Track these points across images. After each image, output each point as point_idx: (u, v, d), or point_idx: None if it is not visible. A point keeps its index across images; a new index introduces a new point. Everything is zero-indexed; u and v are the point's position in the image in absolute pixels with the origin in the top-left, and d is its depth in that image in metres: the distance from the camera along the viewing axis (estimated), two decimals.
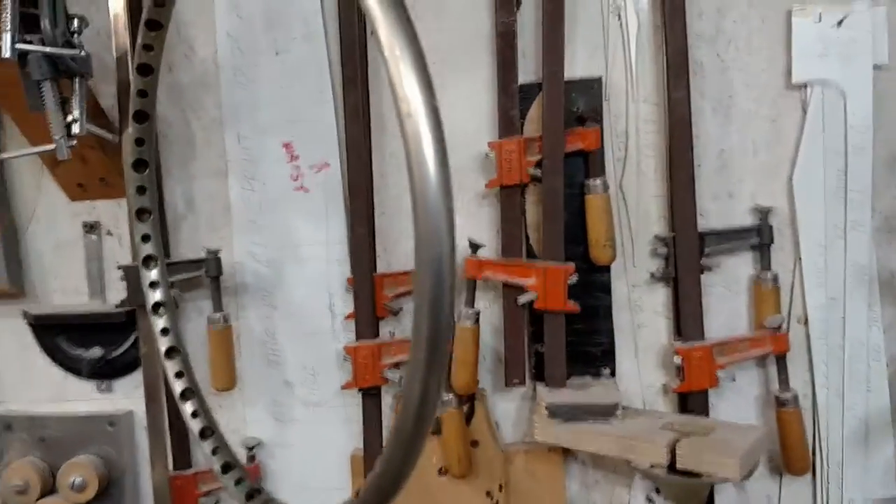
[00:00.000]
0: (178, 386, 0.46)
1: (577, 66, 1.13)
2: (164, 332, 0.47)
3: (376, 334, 1.18)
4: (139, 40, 0.41)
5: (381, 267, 1.19)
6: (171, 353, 0.45)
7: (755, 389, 1.16)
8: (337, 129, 1.18)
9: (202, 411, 0.46)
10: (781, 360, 1.10)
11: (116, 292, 1.23)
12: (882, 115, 1.10)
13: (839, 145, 1.10)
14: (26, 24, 0.95)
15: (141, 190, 0.44)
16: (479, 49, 1.15)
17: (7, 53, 0.89)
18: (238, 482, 0.45)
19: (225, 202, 1.21)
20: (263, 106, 1.18)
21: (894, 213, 1.13)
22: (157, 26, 0.38)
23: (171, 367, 0.46)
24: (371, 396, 1.18)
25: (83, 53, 0.96)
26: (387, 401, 1.20)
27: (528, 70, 1.14)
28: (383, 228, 1.20)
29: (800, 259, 1.13)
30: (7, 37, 0.88)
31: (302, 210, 1.20)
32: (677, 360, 1.10)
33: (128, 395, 1.26)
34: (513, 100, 1.12)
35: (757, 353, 1.11)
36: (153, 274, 0.45)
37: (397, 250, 1.20)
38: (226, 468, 0.44)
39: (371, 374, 1.15)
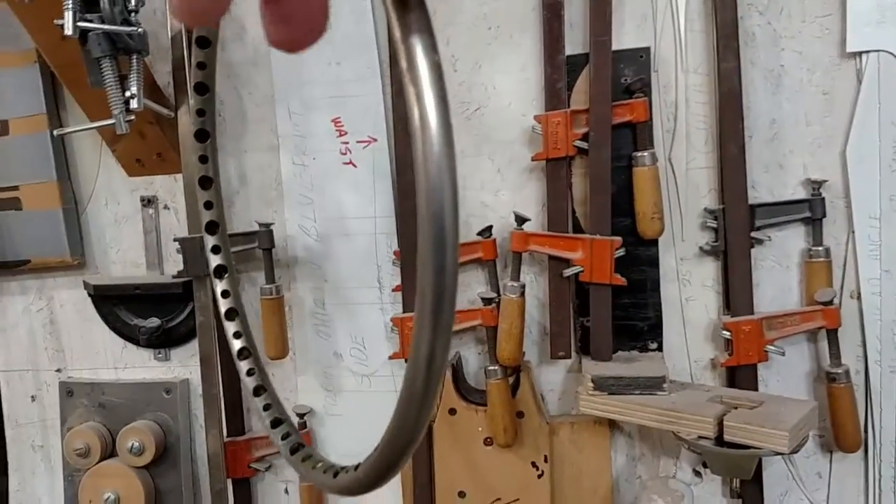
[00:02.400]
0: (235, 345, 0.48)
1: (625, 37, 1.12)
2: (225, 294, 0.49)
3: None
4: None
5: None
6: (230, 314, 0.47)
7: (805, 364, 1.14)
8: (384, 105, 1.19)
9: (257, 370, 0.48)
10: (833, 335, 1.09)
11: (173, 264, 1.28)
12: None
13: (895, 116, 1.07)
14: (86, 3, 0.98)
15: (203, 159, 0.46)
16: (527, 21, 1.15)
17: (69, 31, 0.92)
18: (284, 437, 0.47)
19: (276, 177, 1.24)
20: (313, 82, 1.20)
21: None
22: None
23: (230, 327, 0.48)
24: None
25: (140, 31, 0.99)
26: None
27: (575, 41, 1.14)
28: None
29: (853, 232, 1.10)
30: (69, 15, 0.92)
31: (350, 184, 1.22)
32: (726, 334, 1.09)
33: (184, 364, 1.31)
34: (559, 71, 1.12)
35: (807, 327, 1.10)
36: (215, 239, 0.47)
37: None
38: (275, 423, 0.46)
39: None
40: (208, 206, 0.54)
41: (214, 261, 0.54)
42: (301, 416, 1.24)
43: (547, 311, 1.18)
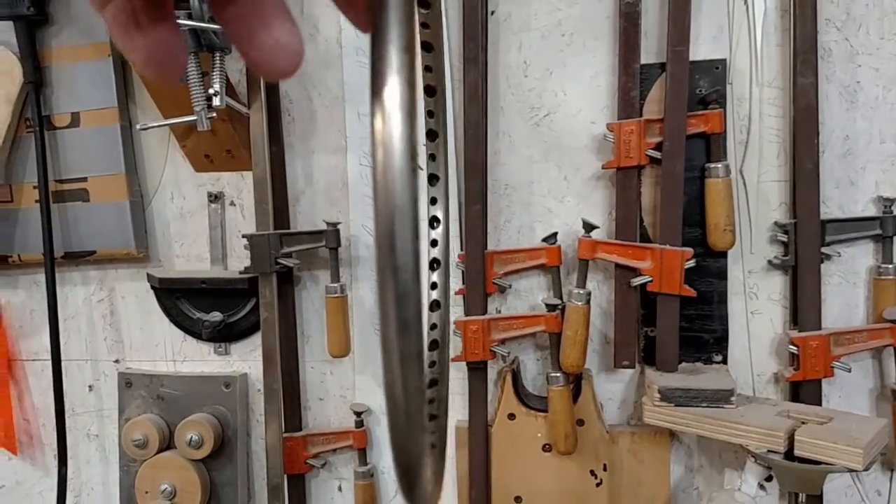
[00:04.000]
0: (432, 335, 0.49)
1: (700, 48, 1.12)
2: (434, 286, 0.50)
3: (485, 310, 1.20)
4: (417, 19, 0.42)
5: (491, 244, 1.21)
6: (434, 305, 0.48)
7: (868, 381, 1.14)
8: (452, 108, 1.20)
9: (440, 361, 0.49)
10: None
11: (237, 260, 1.29)
12: None
13: None
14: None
15: (432, 157, 0.47)
16: (601, 30, 1.15)
17: None
18: (430, 401, 0.47)
19: (343, 177, 1.25)
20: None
21: None
22: (427, 5, 0.40)
23: (433, 317, 0.49)
24: (477, 370, 1.21)
25: None
26: (490, 376, 1.22)
27: (649, 51, 1.14)
28: (493, 206, 1.21)
29: None
30: None
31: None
32: (793, 349, 1.09)
33: (243, 359, 1.32)
34: (634, 80, 1.12)
35: (875, 344, 1.09)
36: (435, 233, 0.48)
37: (508, 227, 1.22)
38: (432, 383, 0.47)
39: (480, 348, 1.17)
40: (433, 201, 0.56)
41: (431, 253, 0.55)
42: (358, 414, 1.25)
43: (609, 319, 1.18)
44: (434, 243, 0.46)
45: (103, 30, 1.22)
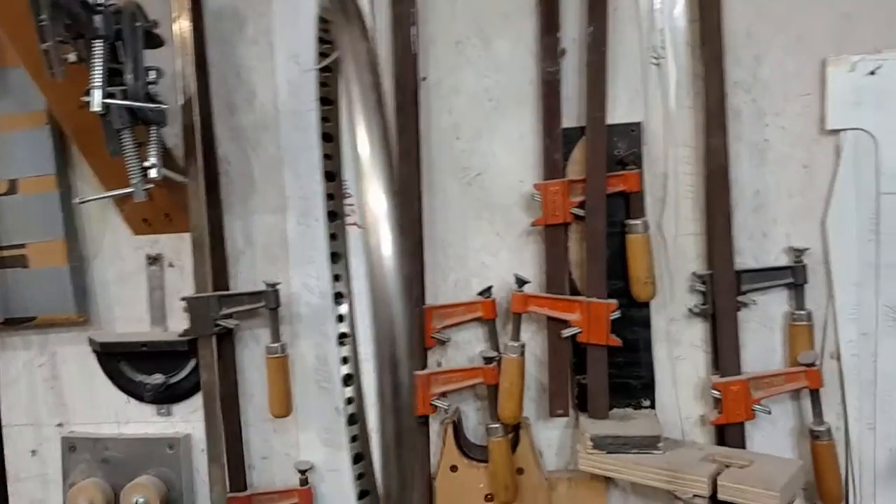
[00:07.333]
0: (349, 410, 0.53)
1: (617, 112, 1.18)
2: (345, 360, 0.54)
3: (424, 365, 1.23)
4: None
5: (429, 299, 1.25)
6: (348, 379, 0.52)
7: (790, 422, 1.20)
8: None
9: (360, 435, 0.53)
10: (815, 395, 1.14)
11: (176, 321, 1.30)
12: None
13: (871, 190, 1.14)
14: (109, 76, 1.02)
15: (333, 237, 0.51)
16: (525, 95, 1.21)
17: (97, 107, 0.96)
18: (359, 476, 0.51)
19: (282, 237, 1.28)
20: (319, 146, 1.25)
21: None
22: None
23: (346, 391, 0.53)
24: (419, 425, 1.24)
25: (163, 107, 1.03)
26: (433, 427, 1.26)
27: (570, 114, 1.20)
28: (430, 262, 1.25)
29: (832, 297, 1.17)
30: (97, 94, 0.95)
31: (354, 244, 1.26)
32: (715, 393, 1.14)
33: (186, 419, 1.33)
34: (556, 143, 1.18)
35: (792, 387, 1.15)
36: (342, 308, 0.52)
37: (446, 283, 1.26)
38: (357, 458, 0.50)
39: (421, 403, 1.20)
40: (337, 278, 0.59)
41: (339, 328, 0.59)
42: (303, 471, 1.27)
43: (544, 367, 1.23)
44: (341, 318, 0.50)
45: (36, 98, 1.23)
